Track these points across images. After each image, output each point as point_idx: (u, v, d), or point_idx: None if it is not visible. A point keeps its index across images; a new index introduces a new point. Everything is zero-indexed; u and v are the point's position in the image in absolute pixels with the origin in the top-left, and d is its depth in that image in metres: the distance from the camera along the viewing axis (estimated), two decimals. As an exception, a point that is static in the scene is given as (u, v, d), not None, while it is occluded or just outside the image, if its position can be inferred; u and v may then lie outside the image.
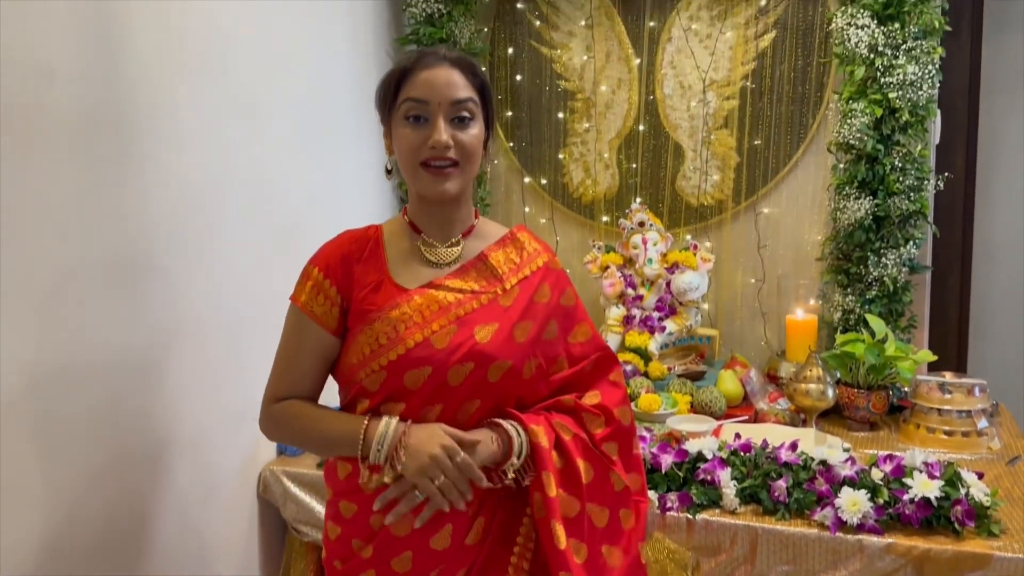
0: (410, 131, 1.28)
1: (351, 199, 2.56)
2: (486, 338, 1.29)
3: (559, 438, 1.31)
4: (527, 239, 1.43)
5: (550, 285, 1.39)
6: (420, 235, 1.36)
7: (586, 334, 1.43)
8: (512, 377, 1.32)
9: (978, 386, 2.13)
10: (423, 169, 1.29)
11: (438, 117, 1.27)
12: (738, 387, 2.37)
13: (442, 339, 1.27)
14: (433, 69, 1.28)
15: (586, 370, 1.41)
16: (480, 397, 1.30)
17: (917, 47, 2.29)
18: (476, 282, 1.34)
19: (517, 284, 1.36)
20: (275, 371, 1.38)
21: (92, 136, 1.57)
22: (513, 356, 1.31)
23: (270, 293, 2.03)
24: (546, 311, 1.37)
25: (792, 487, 1.75)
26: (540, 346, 1.36)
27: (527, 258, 1.40)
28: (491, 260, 1.37)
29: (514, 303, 1.34)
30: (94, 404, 1.59)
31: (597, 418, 1.37)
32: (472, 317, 1.30)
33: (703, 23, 2.66)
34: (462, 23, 2.70)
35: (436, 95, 1.27)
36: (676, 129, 2.74)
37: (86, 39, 1.55)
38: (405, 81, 1.30)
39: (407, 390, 1.28)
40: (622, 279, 2.61)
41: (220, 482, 1.97)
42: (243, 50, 2.01)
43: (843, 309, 2.44)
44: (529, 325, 1.34)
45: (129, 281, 1.67)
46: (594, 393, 1.39)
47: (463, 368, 1.27)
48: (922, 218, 2.39)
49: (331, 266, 1.33)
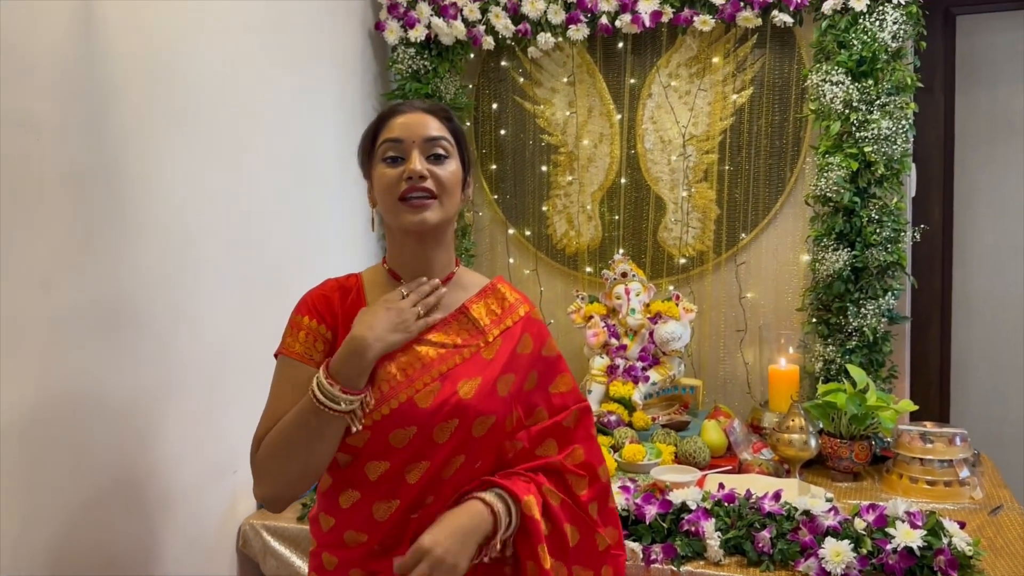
0: (388, 169, 1.31)
1: (336, 251, 2.58)
2: (469, 393, 1.29)
3: (547, 504, 1.31)
4: (507, 290, 1.43)
5: (532, 336, 1.40)
6: (400, 282, 1.37)
7: (567, 385, 1.43)
8: (496, 430, 1.32)
9: (959, 435, 2.14)
10: (401, 204, 1.30)
11: (413, 151, 1.30)
12: (722, 437, 2.37)
13: (426, 398, 1.28)
14: (408, 114, 1.33)
15: (567, 422, 1.40)
16: (464, 452, 1.30)
17: (891, 103, 2.35)
18: (458, 335, 1.34)
19: (499, 336, 1.36)
20: (267, 416, 1.30)
21: (77, 188, 1.59)
22: (496, 410, 1.31)
23: (253, 345, 2.04)
24: (528, 362, 1.38)
25: (776, 538, 1.75)
26: (521, 397, 1.37)
27: (508, 309, 1.40)
28: (472, 313, 1.37)
29: (496, 356, 1.34)
30: (74, 453, 1.58)
31: (582, 479, 1.37)
32: (455, 372, 1.31)
33: (682, 80, 2.72)
34: (447, 79, 2.76)
35: (410, 134, 1.31)
36: (657, 182, 2.78)
37: (72, 92, 1.58)
38: (382, 128, 1.34)
39: (392, 448, 1.27)
40: (605, 329, 2.63)
41: (199, 535, 1.94)
42: (230, 103, 2.04)
43: (824, 359, 2.46)
44: (511, 378, 1.34)
45: (113, 332, 1.67)
46: (578, 450, 1.38)
47: (448, 425, 1.28)
48: (900, 269, 2.42)
49: (319, 310, 1.33)
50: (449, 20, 2.65)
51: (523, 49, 2.77)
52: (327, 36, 2.53)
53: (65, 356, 1.56)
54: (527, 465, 1.35)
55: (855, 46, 2.35)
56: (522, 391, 1.36)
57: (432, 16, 2.66)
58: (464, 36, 2.68)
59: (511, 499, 1.28)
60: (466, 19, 2.66)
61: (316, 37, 2.46)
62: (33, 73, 1.49)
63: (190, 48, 1.90)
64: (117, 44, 1.68)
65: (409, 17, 2.68)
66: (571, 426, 1.40)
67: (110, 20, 1.66)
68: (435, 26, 2.66)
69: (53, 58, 1.53)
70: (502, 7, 2.64)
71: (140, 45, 1.74)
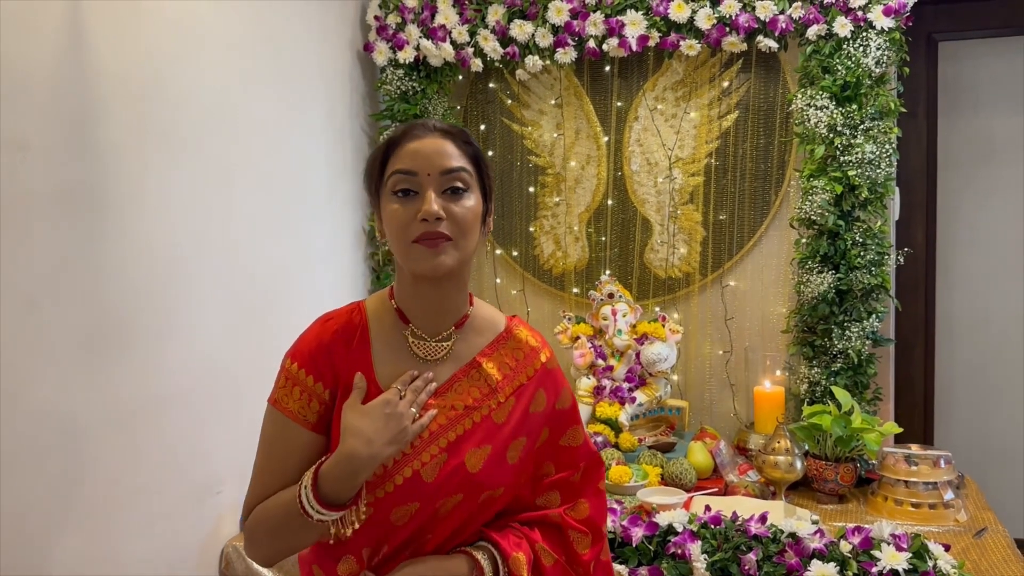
0: (399, 206, 1.15)
1: (324, 269, 2.57)
2: (477, 466, 1.19)
3: (538, 563, 1.23)
4: (525, 335, 1.30)
5: (546, 391, 1.28)
6: (408, 326, 1.22)
7: (578, 438, 1.31)
8: (503, 499, 1.25)
9: (944, 458, 2.15)
10: (414, 245, 1.14)
11: (428, 188, 1.14)
12: (708, 459, 2.37)
13: (431, 471, 1.16)
14: (422, 139, 1.17)
15: (575, 478, 1.31)
16: (466, 519, 1.22)
17: (875, 127, 2.38)
18: (469, 394, 1.22)
19: (512, 394, 1.24)
20: (259, 482, 1.20)
21: (66, 205, 1.58)
22: (505, 482, 1.22)
23: (239, 363, 2.03)
24: (540, 421, 1.27)
25: (762, 560, 1.74)
26: (530, 458, 1.27)
27: (523, 361, 1.28)
28: (484, 368, 1.24)
29: (508, 418, 1.23)
30: (57, 473, 1.56)
31: (585, 537, 1.28)
32: (463, 440, 1.19)
33: (668, 103, 2.75)
34: (436, 100, 2.77)
35: (425, 165, 1.14)
36: (644, 204, 2.80)
37: (60, 111, 1.58)
38: (392, 154, 1.17)
39: (392, 526, 1.17)
40: (592, 350, 2.63)
41: (182, 558, 1.92)
42: (218, 123, 2.04)
43: (809, 381, 2.47)
44: (522, 442, 1.24)
45: (97, 349, 1.66)
46: (582, 505, 1.29)
47: (452, 500, 1.18)
48: (884, 292, 2.44)
49: (316, 361, 1.19)
50: (438, 42, 2.67)
51: (511, 71, 2.78)
52: (316, 56, 2.54)
53: (48, 374, 1.55)
54: (525, 516, 1.27)
55: (839, 71, 2.38)
56: (532, 451, 1.26)
57: (421, 38, 2.68)
58: (452, 58, 2.70)
59: (499, 555, 1.20)
60: (455, 41, 2.68)
61: (305, 57, 2.47)
62: (22, 91, 1.48)
63: (179, 67, 1.90)
64: (106, 63, 1.68)
65: (398, 39, 2.70)
66: (579, 480, 1.31)
67: (99, 39, 1.66)
68: (424, 48, 2.68)
69: (42, 76, 1.53)
70: (490, 30, 2.65)
71: (129, 64, 1.74)
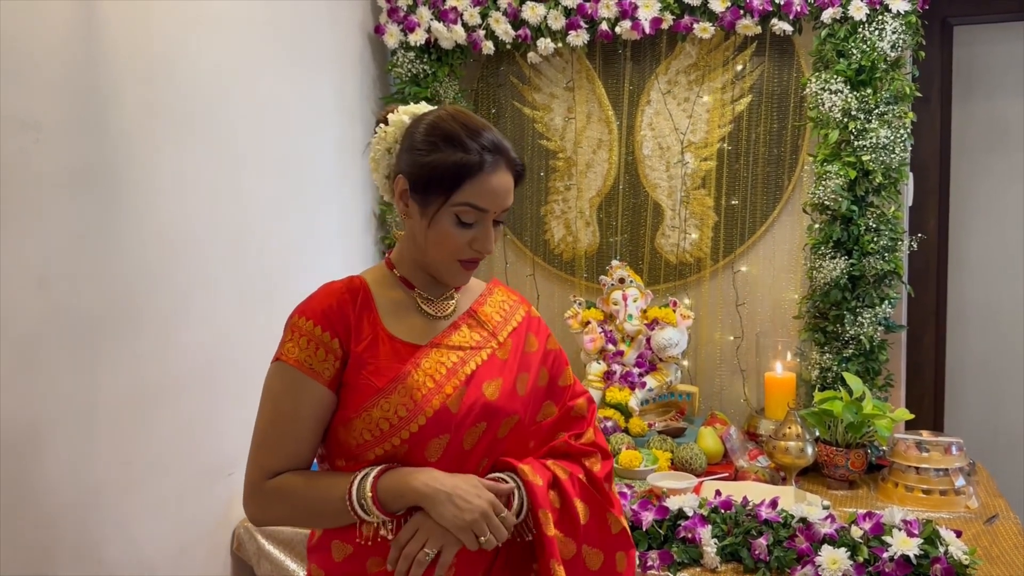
0: (458, 231, 1.25)
1: (333, 253, 2.58)
2: (495, 394, 1.28)
3: (556, 477, 1.30)
4: (504, 292, 1.44)
5: (535, 334, 1.40)
6: (414, 290, 1.33)
7: (571, 378, 1.44)
8: (518, 431, 1.32)
9: (955, 444, 2.14)
10: (457, 264, 1.28)
11: (488, 224, 1.27)
12: (718, 444, 2.37)
13: (456, 402, 1.24)
14: (499, 174, 1.25)
15: (575, 412, 1.40)
16: (489, 456, 1.29)
17: (889, 112, 2.36)
18: (471, 338, 1.33)
19: (509, 336, 1.36)
20: (264, 443, 1.24)
21: (76, 187, 1.58)
22: (518, 409, 1.31)
23: (250, 346, 2.03)
24: (538, 360, 1.38)
25: (772, 545, 1.75)
26: (535, 395, 1.36)
27: (510, 310, 1.40)
28: (481, 314, 1.36)
29: (510, 356, 1.34)
30: (68, 455, 1.57)
31: (594, 455, 1.36)
32: (478, 374, 1.29)
33: (681, 87, 2.73)
34: (447, 83, 2.75)
35: (494, 205, 1.25)
36: (655, 188, 2.79)
37: (73, 92, 1.58)
38: (470, 180, 1.23)
39: (428, 463, 1.23)
40: (603, 335, 2.63)
41: (194, 539, 1.94)
42: (229, 105, 2.04)
43: (820, 367, 2.46)
44: (526, 377, 1.34)
45: (109, 331, 1.67)
46: (587, 432, 1.39)
47: (476, 429, 1.26)
48: (896, 278, 2.43)
49: (328, 316, 1.24)
50: (449, 24, 2.65)
51: (523, 54, 2.77)
52: (327, 39, 2.53)
53: (60, 355, 1.55)
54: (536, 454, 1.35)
55: (854, 55, 2.36)
56: (536, 388, 1.36)
57: (432, 20, 2.66)
58: (464, 41, 2.68)
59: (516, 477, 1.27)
60: (466, 24, 2.66)
61: (316, 40, 2.46)
62: (33, 73, 1.48)
63: (190, 49, 1.89)
64: (118, 44, 1.67)
65: (409, 21, 2.68)
66: (581, 415, 1.41)
67: (111, 20, 1.65)
68: (435, 30, 2.66)
69: (53, 58, 1.53)
70: (502, 12, 2.64)
71: (141, 46, 1.74)
